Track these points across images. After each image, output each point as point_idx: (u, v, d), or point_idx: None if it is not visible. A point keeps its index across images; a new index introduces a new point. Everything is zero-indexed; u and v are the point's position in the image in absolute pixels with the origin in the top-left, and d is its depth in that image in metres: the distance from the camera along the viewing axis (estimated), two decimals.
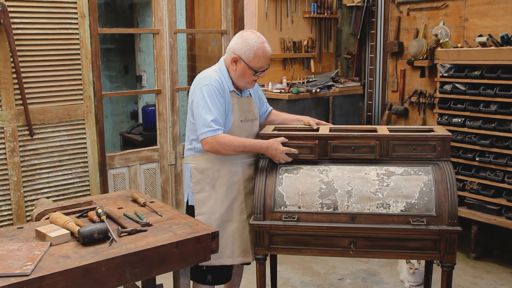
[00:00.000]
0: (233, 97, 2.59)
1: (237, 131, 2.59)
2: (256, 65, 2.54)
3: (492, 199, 3.83)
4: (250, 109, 2.69)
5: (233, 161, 2.59)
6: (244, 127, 2.64)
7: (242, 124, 2.63)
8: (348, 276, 3.80)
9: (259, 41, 2.52)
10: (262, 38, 2.56)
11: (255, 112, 2.73)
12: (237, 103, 2.61)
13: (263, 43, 2.54)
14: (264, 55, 2.54)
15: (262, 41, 2.54)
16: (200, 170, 2.61)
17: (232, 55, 2.55)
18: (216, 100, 2.49)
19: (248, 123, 2.67)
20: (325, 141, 2.62)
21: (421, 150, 2.57)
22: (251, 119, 2.69)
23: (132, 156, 3.96)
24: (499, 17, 4.09)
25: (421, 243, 2.43)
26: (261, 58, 2.53)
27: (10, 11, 3.15)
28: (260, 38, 2.54)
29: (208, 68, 2.67)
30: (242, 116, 2.62)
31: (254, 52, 2.50)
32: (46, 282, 1.75)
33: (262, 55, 2.53)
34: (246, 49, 2.51)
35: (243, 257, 2.63)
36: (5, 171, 3.29)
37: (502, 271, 3.86)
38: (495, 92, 3.75)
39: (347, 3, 5.18)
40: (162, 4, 3.98)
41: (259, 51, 2.51)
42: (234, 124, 2.58)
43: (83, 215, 2.35)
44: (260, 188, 2.53)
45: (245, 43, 2.51)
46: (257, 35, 2.56)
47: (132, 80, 6.93)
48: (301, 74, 4.90)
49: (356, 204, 2.46)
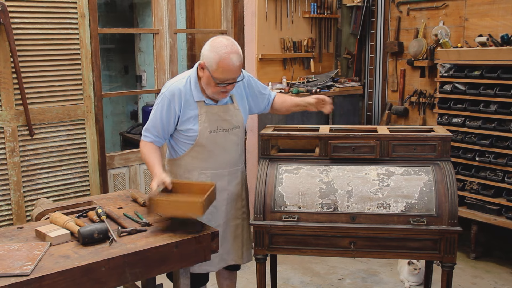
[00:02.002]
0: (201, 106, 2.48)
1: (205, 141, 2.50)
2: (218, 76, 2.34)
3: (492, 199, 3.83)
4: (225, 118, 2.53)
5: (201, 170, 2.55)
6: (215, 137, 2.51)
7: (212, 135, 2.50)
8: (348, 276, 3.80)
9: (226, 51, 2.31)
10: (231, 47, 2.34)
11: (233, 121, 2.56)
12: (206, 112, 2.48)
13: (230, 54, 2.31)
14: (228, 67, 2.32)
15: (230, 51, 2.32)
16: (173, 174, 2.60)
17: (200, 61, 2.41)
18: (161, 110, 2.48)
19: (220, 133, 2.52)
20: (325, 141, 2.62)
21: (421, 150, 2.57)
22: (227, 129, 2.54)
23: (132, 156, 3.96)
24: (499, 17, 4.09)
25: (421, 243, 2.43)
26: (225, 70, 2.32)
27: (10, 11, 3.15)
28: (228, 48, 2.32)
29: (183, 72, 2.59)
30: (212, 126, 2.49)
31: (217, 63, 2.32)
32: (46, 282, 1.75)
33: (226, 67, 2.32)
34: (211, 57, 2.33)
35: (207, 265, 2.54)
36: (5, 171, 3.29)
37: (502, 271, 3.86)
38: (495, 92, 3.75)
39: (347, 3, 5.18)
40: (162, 4, 3.98)
41: (223, 62, 2.31)
42: (201, 135, 2.48)
43: (83, 215, 2.35)
44: (260, 188, 2.53)
45: (212, 50, 2.34)
46: (227, 43, 2.34)
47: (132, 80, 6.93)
48: (301, 74, 4.90)
49: (356, 204, 2.46)
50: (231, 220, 2.65)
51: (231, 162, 2.61)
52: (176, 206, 2.16)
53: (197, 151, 2.52)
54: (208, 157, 2.53)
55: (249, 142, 4.39)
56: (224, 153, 2.56)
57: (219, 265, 2.64)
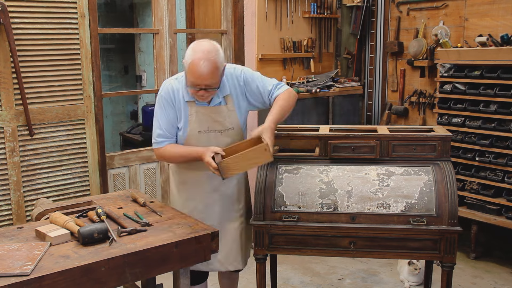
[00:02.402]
0: (192, 106, 2.45)
1: (195, 142, 2.47)
2: (189, 78, 2.32)
3: (492, 199, 3.83)
4: (217, 120, 2.48)
5: (197, 171, 2.54)
6: (205, 138, 2.48)
7: (202, 135, 2.48)
8: (348, 276, 3.80)
9: (198, 56, 2.26)
10: (207, 54, 2.26)
11: (226, 123, 2.50)
12: (196, 112, 2.46)
13: (201, 60, 2.25)
14: (194, 72, 2.27)
15: (202, 57, 2.25)
16: (172, 171, 2.68)
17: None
18: (163, 111, 2.47)
19: (212, 134, 2.49)
20: (325, 141, 2.62)
21: (421, 150, 2.57)
22: (219, 130, 2.50)
23: (132, 156, 3.96)
24: (499, 17, 4.09)
25: (421, 243, 2.43)
26: (192, 74, 2.28)
27: (10, 11, 3.15)
28: (203, 54, 2.26)
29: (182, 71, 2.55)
30: (202, 127, 2.47)
31: (188, 65, 2.29)
32: (46, 282, 1.75)
33: (194, 72, 2.27)
34: (186, 59, 2.32)
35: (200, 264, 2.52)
36: (5, 171, 3.29)
37: (502, 271, 3.86)
38: (495, 92, 3.75)
39: (347, 3, 5.18)
40: (162, 4, 3.98)
41: (192, 66, 2.27)
42: (190, 135, 2.47)
43: (83, 215, 2.35)
44: (260, 188, 2.52)
45: (189, 52, 2.32)
46: (204, 49, 2.28)
47: (132, 80, 6.93)
48: (301, 74, 4.90)
49: (356, 204, 2.46)
50: (227, 223, 2.61)
51: None
52: (245, 158, 2.25)
53: None
54: None
55: None
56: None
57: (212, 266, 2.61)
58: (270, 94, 2.53)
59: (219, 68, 2.31)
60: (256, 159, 2.27)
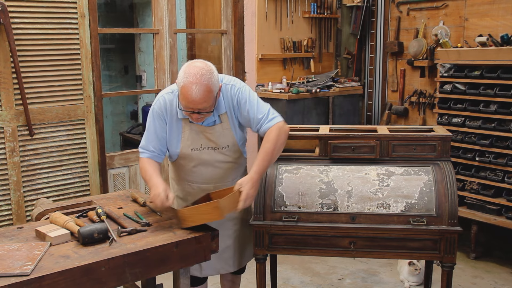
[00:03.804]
0: (185, 123, 2.40)
1: (188, 158, 2.45)
2: (181, 101, 2.25)
3: (492, 199, 3.83)
4: (211, 139, 2.42)
5: (187, 182, 2.55)
6: (198, 155, 2.44)
7: (194, 153, 2.43)
8: (348, 276, 3.80)
9: (190, 80, 2.17)
10: (199, 78, 2.17)
11: (219, 142, 2.43)
12: (189, 130, 2.41)
13: (192, 85, 2.16)
14: (186, 97, 2.19)
15: (194, 81, 2.17)
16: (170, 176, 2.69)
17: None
18: (152, 123, 2.42)
19: (205, 151, 2.44)
20: (325, 141, 2.62)
21: (421, 150, 2.57)
22: (213, 147, 2.44)
23: (132, 156, 3.96)
24: (499, 17, 4.09)
25: (421, 243, 2.43)
26: (184, 98, 2.21)
27: (10, 11, 3.15)
28: (194, 78, 2.17)
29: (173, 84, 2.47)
30: (195, 145, 2.42)
31: (180, 88, 2.22)
32: (46, 282, 1.75)
33: (184, 96, 2.20)
34: (179, 81, 2.24)
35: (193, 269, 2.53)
36: (5, 171, 3.29)
37: (502, 271, 3.86)
38: (495, 92, 3.75)
39: (347, 3, 5.18)
40: (162, 4, 3.98)
41: (183, 89, 2.20)
42: (182, 152, 2.44)
43: (83, 215, 2.35)
44: (260, 188, 2.52)
45: (181, 74, 2.23)
46: (196, 72, 2.19)
47: (132, 80, 6.93)
48: (301, 74, 4.90)
49: (356, 204, 2.46)
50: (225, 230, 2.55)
51: (217, 178, 2.51)
52: (198, 211, 2.14)
53: (182, 164, 2.51)
54: (192, 172, 2.50)
55: (249, 142, 4.36)
56: (210, 169, 2.48)
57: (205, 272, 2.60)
58: (259, 124, 2.40)
59: (212, 91, 2.23)
60: (208, 215, 2.13)
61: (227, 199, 2.16)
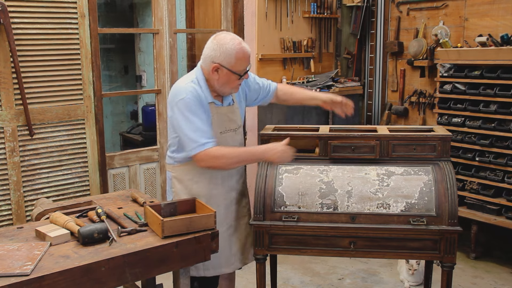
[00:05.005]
0: (212, 108, 2.46)
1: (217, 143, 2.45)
2: (239, 69, 2.39)
3: (492, 199, 3.83)
4: (232, 118, 2.55)
5: (212, 173, 2.51)
6: (224, 138, 2.51)
7: (223, 136, 2.50)
8: (348, 276, 3.80)
9: (236, 43, 2.36)
10: (237, 38, 2.40)
11: (238, 121, 2.59)
12: (216, 113, 2.48)
13: (241, 44, 2.38)
14: (245, 56, 2.38)
15: (239, 41, 2.38)
16: (179, 180, 2.56)
17: (212, 65, 2.38)
18: (197, 112, 2.36)
19: (229, 134, 2.54)
20: (325, 141, 2.62)
21: (421, 150, 2.57)
22: (234, 129, 2.57)
23: (132, 156, 3.96)
24: (499, 17, 4.09)
25: (421, 243, 2.43)
26: (242, 60, 2.38)
27: (10, 11, 3.15)
28: (236, 40, 2.38)
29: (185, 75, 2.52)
30: (222, 128, 2.50)
31: (235, 56, 2.35)
32: (46, 282, 1.75)
33: (243, 57, 2.37)
34: (226, 55, 2.35)
35: (224, 268, 2.60)
36: (5, 171, 3.29)
37: (502, 271, 3.86)
38: (495, 92, 3.75)
39: (347, 3, 5.18)
40: (162, 4, 3.98)
41: (239, 53, 2.35)
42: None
43: (83, 215, 2.35)
44: (260, 188, 2.53)
45: (222, 48, 2.35)
46: (231, 36, 2.40)
47: (132, 80, 6.93)
48: (301, 74, 4.90)
49: (356, 204, 2.46)
50: (241, 219, 2.68)
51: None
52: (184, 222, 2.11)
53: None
54: None
55: (249, 142, 4.38)
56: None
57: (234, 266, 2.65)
58: (268, 86, 2.76)
59: None
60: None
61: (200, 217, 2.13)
